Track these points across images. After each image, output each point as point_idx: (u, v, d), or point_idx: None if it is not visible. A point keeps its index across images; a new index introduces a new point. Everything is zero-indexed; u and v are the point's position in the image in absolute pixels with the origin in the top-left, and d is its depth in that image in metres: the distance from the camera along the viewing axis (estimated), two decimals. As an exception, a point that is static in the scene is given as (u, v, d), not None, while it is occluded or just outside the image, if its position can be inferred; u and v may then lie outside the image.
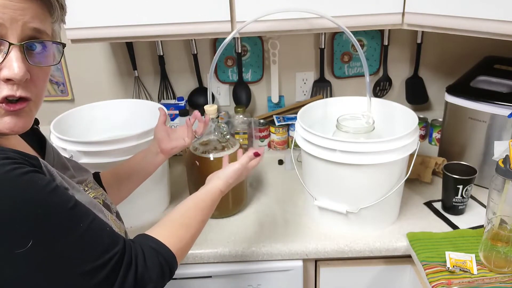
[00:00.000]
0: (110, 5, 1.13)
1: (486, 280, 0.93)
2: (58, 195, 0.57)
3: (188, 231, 0.77)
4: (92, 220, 0.60)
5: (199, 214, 0.81)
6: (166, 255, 0.69)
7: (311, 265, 1.14)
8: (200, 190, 0.87)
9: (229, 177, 0.93)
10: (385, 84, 1.61)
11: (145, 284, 0.64)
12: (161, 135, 1.04)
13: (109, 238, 0.62)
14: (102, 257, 0.59)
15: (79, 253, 0.57)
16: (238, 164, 0.95)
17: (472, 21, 1.04)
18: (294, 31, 1.17)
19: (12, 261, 0.52)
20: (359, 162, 1.00)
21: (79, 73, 1.59)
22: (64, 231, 0.56)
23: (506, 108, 1.16)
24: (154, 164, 1.05)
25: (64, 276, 0.56)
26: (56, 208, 0.56)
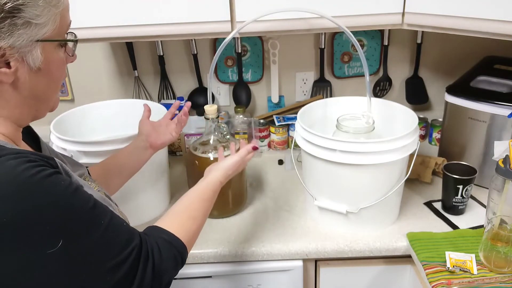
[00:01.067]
0: (110, 5, 1.13)
1: (486, 280, 0.93)
2: (80, 195, 0.59)
3: (194, 222, 0.80)
4: (111, 217, 0.62)
5: (202, 206, 0.84)
6: (178, 246, 0.72)
7: (311, 265, 1.14)
8: (201, 182, 0.90)
9: (228, 169, 0.95)
10: (385, 84, 1.61)
11: (162, 275, 0.67)
12: (148, 130, 1.05)
13: (127, 233, 0.64)
14: (123, 252, 0.61)
15: (103, 250, 0.59)
16: (237, 157, 0.97)
17: (472, 21, 1.04)
18: (294, 31, 1.17)
19: (43, 262, 0.54)
20: (359, 162, 1.00)
21: (79, 73, 1.59)
22: (89, 229, 0.58)
23: (506, 108, 1.16)
24: (143, 160, 1.04)
25: (91, 273, 0.58)
26: (80, 208, 0.58)
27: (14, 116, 0.64)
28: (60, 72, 0.67)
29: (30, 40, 0.59)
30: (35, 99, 0.65)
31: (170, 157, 1.41)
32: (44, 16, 0.59)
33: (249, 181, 1.38)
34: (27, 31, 0.58)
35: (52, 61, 0.63)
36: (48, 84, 0.65)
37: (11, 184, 0.52)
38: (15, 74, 0.60)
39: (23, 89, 0.62)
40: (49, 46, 0.62)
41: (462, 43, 1.54)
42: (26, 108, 0.65)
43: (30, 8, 0.57)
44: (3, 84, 0.60)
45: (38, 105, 0.67)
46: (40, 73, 0.62)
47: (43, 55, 0.61)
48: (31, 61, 0.60)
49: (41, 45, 0.61)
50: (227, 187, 1.17)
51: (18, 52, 0.58)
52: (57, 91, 0.69)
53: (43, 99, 0.67)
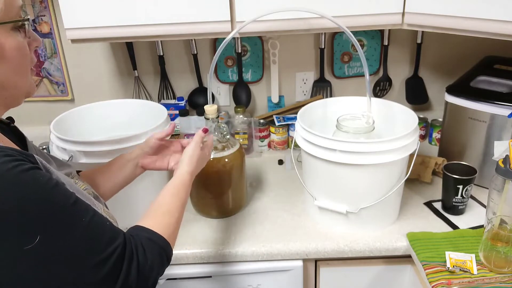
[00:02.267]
0: (110, 5, 1.13)
1: (486, 280, 0.93)
2: (60, 191, 0.58)
3: (171, 216, 0.79)
4: (93, 215, 0.61)
5: (177, 200, 0.83)
6: (162, 244, 0.72)
7: (311, 265, 1.14)
8: (171, 180, 0.88)
9: (190, 156, 0.92)
10: (385, 84, 1.61)
11: (147, 274, 0.66)
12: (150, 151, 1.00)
13: (110, 232, 0.63)
14: (106, 251, 0.60)
15: (84, 247, 0.58)
16: (192, 142, 0.95)
17: (472, 21, 1.04)
18: (294, 31, 1.17)
19: (21, 258, 0.53)
20: (359, 162, 1.00)
21: (79, 73, 1.59)
22: (68, 226, 0.57)
23: (506, 108, 1.16)
24: (132, 176, 1.00)
25: (71, 270, 0.57)
26: (60, 204, 0.57)
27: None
28: (21, 56, 0.64)
29: None
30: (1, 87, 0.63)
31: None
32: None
33: (249, 181, 1.38)
34: None
35: (7, 46, 0.61)
36: (10, 70, 0.63)
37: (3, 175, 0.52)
38: None
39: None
40: (1, 30, 0.60)
41: (462, 43, 1.54)
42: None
43: None
44: None
45: (5, 93, 0.64)
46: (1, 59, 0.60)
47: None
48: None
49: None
50: (227, 187, 1.17)
51: None
52: (25, 77, 0.66)
53: (8, 86, 0.64)
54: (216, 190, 1.18)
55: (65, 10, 1.14)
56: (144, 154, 1.00)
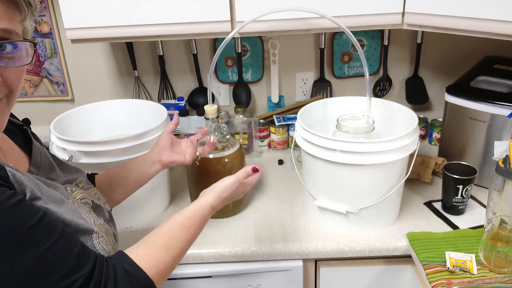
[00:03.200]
0: (110, 5, 1.13)
1: (486, 280, 0.93)
2: (19, 210, 0.54)
3: (169, 252, 0.70)
4: (57, 239, 0.57)
5: (184, 234, 0.75)
6: (140, 280, 0.64)
7: (311, 265, 1.14)
8: (190, 206, 0.80)
9: (222, 191, 0.85)
10: (385, 84, 1.61)
11: None
12: (165, 144, 0.99)
13: (74, 260, 0.58)
14: (64, 280, 0.56)
15: (39, 274, 0.54)
16: (234, 178, 0.87)
17: (472, 21, 1.04)
18: (294, 31, 1.17)
19: None
20: (359, 162, 1.00)
21: (79, 73, 1.59)
22: (23, 249, 0.54)
23: (506, 108, 1.16)
24: (148, 175, 0.99)
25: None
26: (15, 225, 0.54)
27: None
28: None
29: None
30: None
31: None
32: None
33: (249, 181, 1.38)
34: None
35: None
36: None
37: None
38: None
39: None
40: None
41: (462, 43, 1.54)
42: None
43: None
44: None
45: None
46: None
47: None
48: None
49: None
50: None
51: None
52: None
53: None
54: (216, 190, 1.17)
55: (65, 10, 1.13)
56: (162, 149, 0.99)
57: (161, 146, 0.99)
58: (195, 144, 1.04)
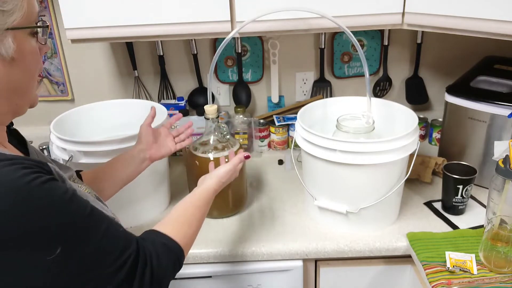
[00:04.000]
0: (110, 5, 1.13)
1: (486, 280, 0.93)
2: (76, 202, 0.59)
3: (190, 228, 0.81)
4: (108, 223, 0.63)
5: (198, 212, 0.85)
6: (176, 251, 0.73)
7: (311, 265, 1.14)
8: (196, 190, 0.91)
9: (222, 177, 0.96)
10: (385, 84, 1.61)
11: (160, 279, 0.68)
12: (149, 140, 1.04)
13: (124, 240, 0.64)
14: (121, 258, 0.62)
15: (101, 256, 0.60)
16: (231, 165, 0.99)
17: (472, 21, 1.04)
18: (294, 31, 1.17)
19: (42, 268, 0.55)
20: (359, 162, 1.00)
21: (79, 73, 1.59)
22: (86, 236, 0.58)
23: (506, 108, 1.16)
24: (138, 171, 1.03)
25: (88, 279, 0.59)
26: (77, 215, 0.58)
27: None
28: (34, 61, 0.66)
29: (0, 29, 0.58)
30: (12, 91, 0.64)
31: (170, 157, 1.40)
32: (10, 2, 0.59)
33: (249, 181, 1.38)
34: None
35: (25, 50, 0.63)
36: (24, 74, 0.64)
37: (9, 191, 0.52)
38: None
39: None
40: (20, 34, 0.61)
41: (462, 43, 1.54)
42: (5, 102, 0.64)
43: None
44: None
45: (16, 98, 0.65)
46: (15, 63, 0.61)
47: (15, 44, 0.60)
48: (3, 51, 0.59)
49: (12, 34, 0.60)
50: (227, 187, 1.17)
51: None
52: (34, 82, 0.68)
53: (21, 92, 0.65)
54: (216, 190, 1.17)
55: (65, 10, 1.13)
56: (149, 145, 1.03)
57: (146, 143, 1.04)
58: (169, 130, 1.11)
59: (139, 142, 1.04)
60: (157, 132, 1.08)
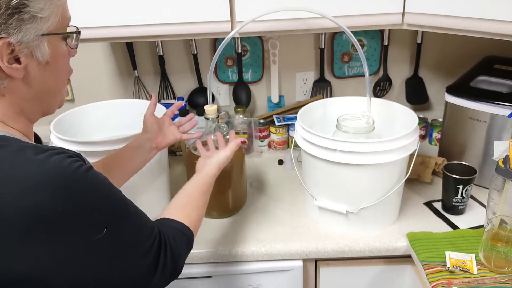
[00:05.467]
0: (110, 5, 1.13)
1: (486, 280, 0.93)
2: (112, 186, 0.63)
3: (197, 212, 0.86)
4: (135, 206, 0.67)
5: (202, 198, 0.90)
6: (188, 235, 0.79)
7: (311, 265, 1.14)
8: (197, 176, 0.95)
9: (222, 163, 1.00)
10: (385, 84, 1.61)
11: (177, 259, 0.73)
12: (154, 129, 1.06)
13: (149, 221, 0.69)
14: (150, 238, 0.66)
15: (137, 235, 0.64)
16: (229, 152, 1.02)
17: (472, 21, 1.04)
18: (294, 31, 1.17)
19: (90, 248, 0.57)
20: (359, 162, 1.00)
21: (79, 73, 1.58)
22: (125, 216, 0.63)
23: (506, 108, 1.16)
24: (146, 160, 1.05)
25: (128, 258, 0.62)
26: (117, 197, 0.63)
27: (27, 112, 0.66)
28: (66, 65, 0.70)
29: (37, 34, 0.61)
30: (46, 93, 0.67)
31: (170, 157, 1.41)
32: (47, 9, 0.61)
33: (249, 181, 1.38)
34: (34, 25, 0.60)
35: (58, 54, 0.66)
36: (57, 77, 0.67)
37: (61, 177, 0.55)
38: (26, 69, 0.62)
39: (34, 84, 0.64)
40: (54, 39, 0.64)
41: (462, 43, 1.54)
42: (38, 103, 0.67)
43: (34, 2, 0.59)
44: (15, 80, 0.61)
45: (48, 99, 0.69)
46: (48, 66, 0.64)
47: (50, 49, 0.63)
48: (39, 55, 0.62)
49: (47, 39, 0.63)
50: (227, 187, 1.17)
51: (27, 47, 0.60)
52: (64, 84, 0.71)
53: (53, 93, 0.69)
54: (216, 190, 1.16)
55: (65, 10, 1.13)
56: (155, 134, 1.06)
57: (152, 132, 1.06)
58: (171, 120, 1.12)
59: (145, 131, 1.06)
60: (161, 121, 1.09)
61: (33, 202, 0.52)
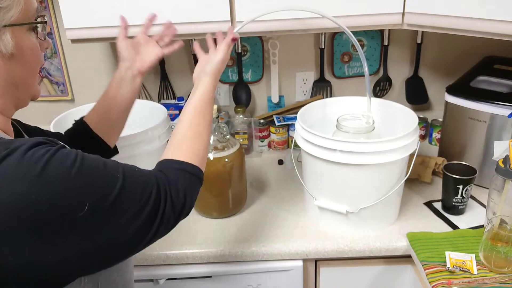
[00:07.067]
0: (110, 5, 1.13)
1: (486, 280, 0.93)
2: (90, 159, 0.61)
3: (200, 139, 0.80)
4: (123, 168, 0.64)
5: (204, 119, 0.83)
6: (193, 171, 0.74)
7: (311, 265, 1.14)
8: (195, 94, 0.87)
9: (217, 72, 0.92)
10: (385, 84, 1.61)
11: (182, 204, 0.69)
12: (131, 53, 0.96)
13: (141, 178, 0.66)
14: (142, 198, 0.64)
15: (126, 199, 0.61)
16: (222, 54, 0.92)
17: (472, 21, 1.04)
18: (294, 31, 1.17)
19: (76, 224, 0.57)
20: (359, 162, 1.00)
21: (79, 73, 1.59)
22: (108, 186, 0.60)
23: (506, 108, 1.16)
24: (134, 90, 0.97)
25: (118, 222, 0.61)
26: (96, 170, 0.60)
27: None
28: (34, 57, 0.67)
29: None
30: (14, 86, 0.65)
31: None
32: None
33: (249, 181, 1.38)
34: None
35: (24, 46, 0.64)
36: (24, 69, 0.66)
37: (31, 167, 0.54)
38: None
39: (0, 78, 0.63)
40: (18, 30, 0.63)
41: (462, 43, 1.54)
42: (8, 96, 0.65)
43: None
44: None
45: (18, 93, 0.67)
46: (14, 59, 0.63)
47: (13, 40, 0.62)
48: (2, 47, 0.61)
49: (10, 30, 0.61)
50: (227, 187, 1.17)
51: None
52: (35, 77, 0.69)
53: (22, 86, 0.67)
54: (216, 190, 1.17)
55: (65, 10, 1.14)
56: (132, 59, 0.97)
57: (129, 58, 0.96)
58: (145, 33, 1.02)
59: (122, 59, 0.97)
60: (135, 43, 0.99)
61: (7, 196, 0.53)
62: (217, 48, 0.94)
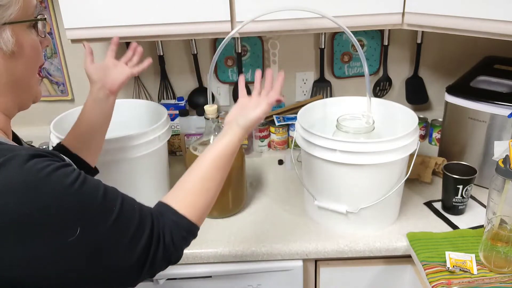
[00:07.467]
0: (110, 5, 1.13)
1: (486, 280, 0.93)
2: (90, 183, 0.60)
3: (208, 196, 0.77)
4: (122, 201, 0.63)
5: (219, 175, 0.79)
6: (188, 228, 0.72)
7: (311, 265, 1.14)
8: (221, 141, 0.82)
9: (250, 127, 0.86)
10: (385, 84, 1.61)
11: (171, 254, 0.68)
12: (99, 76, 0.98)
13: (139, 216, 0.65)
14: (135, 236, 0.63)
15: (117, 235, 0.60)
16: (261, 113, 0.87)
17: (472, 21, 1.04)
18: (294, 31, 1.17)
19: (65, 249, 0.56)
20: (359, 162, 1.00)
21: (79, 73, 1.59)
22: (103, 216, 0.59)
23: (506, 108, 1.16)
24: (109, 108, 0.99)
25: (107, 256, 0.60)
26: (93, 196, 0.59)
27: (1, 106, 0.65)
28: (35, 54, 0.67)
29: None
30: (15, 85, 0.65)
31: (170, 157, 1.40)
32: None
33: (249, 181, 1.38)
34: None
35: (24, 43, 0.64)
36: (25, 67, 0.66)
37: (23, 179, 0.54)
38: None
39: (1, 76, 0.63)
40: (18, 28, 0.63)
41: (462, 43, 1.54)
42: (10, 95, 0.66)
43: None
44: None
45: (20, 92, 0.67)
46: (15, 56, 0.63)
47: (14, 38, 0.62)
48: (3, 44, 0.61)
49: (10, 28, 0.61)
50: (227, 187, 1.17)
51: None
52: (35, 76, 0.69)
53: (23, 85, 0.67)
54: (216, 190, 1.17)
55: (65, 10, 1.14)
56: (103, 81, 0.98)
57: (99, 80, 0.98)
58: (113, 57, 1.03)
59: (93, 82, 0.99)
60: (104, 66, 1.01)
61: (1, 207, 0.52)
62: (259, 103, 0.89)
